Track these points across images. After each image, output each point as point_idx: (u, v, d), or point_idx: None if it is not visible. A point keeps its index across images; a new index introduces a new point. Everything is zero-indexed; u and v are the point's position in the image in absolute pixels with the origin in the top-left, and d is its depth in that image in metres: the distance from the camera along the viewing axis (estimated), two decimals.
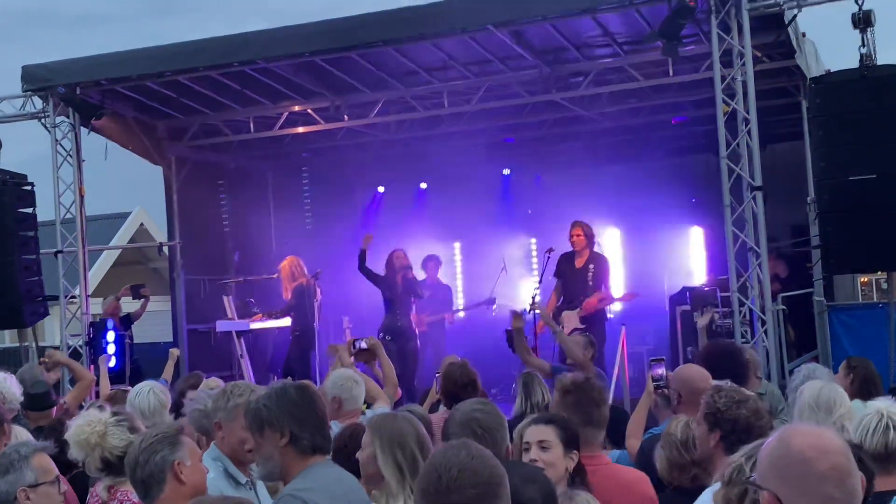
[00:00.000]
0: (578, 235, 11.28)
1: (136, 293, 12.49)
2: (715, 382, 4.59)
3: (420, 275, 13.77)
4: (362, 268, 12.30)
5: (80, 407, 6.99)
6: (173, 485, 3.56)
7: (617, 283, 12.99)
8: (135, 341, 12.41)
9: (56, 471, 3.99)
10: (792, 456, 2.28)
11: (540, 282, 12.03)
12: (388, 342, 11.89)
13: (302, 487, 3.48)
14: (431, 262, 13.95)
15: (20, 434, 5.47)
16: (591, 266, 11.23)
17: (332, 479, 3.60)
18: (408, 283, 12.24)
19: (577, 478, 4.16)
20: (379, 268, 12.37)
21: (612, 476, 4.48)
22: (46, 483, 3.91)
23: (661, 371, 5.71)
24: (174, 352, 9.31)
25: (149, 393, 5.91)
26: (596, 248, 11.59)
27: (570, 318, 10.98)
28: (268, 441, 3.60)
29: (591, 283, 11.15)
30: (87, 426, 4.61)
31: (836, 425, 4.39)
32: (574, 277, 11.29)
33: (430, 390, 7.31)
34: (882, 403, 4.29)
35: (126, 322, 12.18)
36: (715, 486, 3.39)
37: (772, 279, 11.11)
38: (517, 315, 8.44)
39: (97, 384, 8.70)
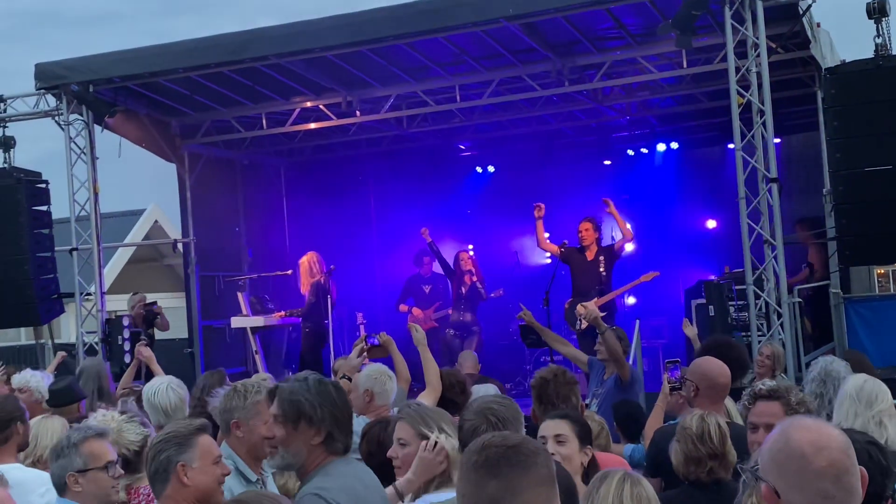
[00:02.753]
0: (587, 230, 11.50)
1: (149, 313, 12.31)
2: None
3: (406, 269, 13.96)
4: (440, 258, 13.37)
5: None
6: (176, 485, 3.59)
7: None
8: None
9: (109, 456, 4.00)
10: (790, 451, 2.29)
11: (553, 276, 12.02)
12: (452, 336, 12.85)
13: (324, 486, 3.43)
14: (426, 258, 13.95)
15: (54, 426, 5.40)
16: (602, 258, 11.45)
17: (352, 478, 3.55)
18: (472, 284, 13.01)
19: (592, 472, 4.16)
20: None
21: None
22: (95, 468, 3.94)
23: (677, 373, 5.72)
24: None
25: (167, 390, 5.89)
26: (604, 241, 11.74)
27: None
28: (301, 435, 3.51)
29: (603, 274, 11.39)
30: (105, 422, 4.63)
31: (874, 419, 4.37)
32: (586, 270, 11.49)
33: None
34: None
35: (150, 324, 12.16)
36: None
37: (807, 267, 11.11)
38: (524, 310, 8.27)
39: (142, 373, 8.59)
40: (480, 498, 2.31)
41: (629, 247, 12.11)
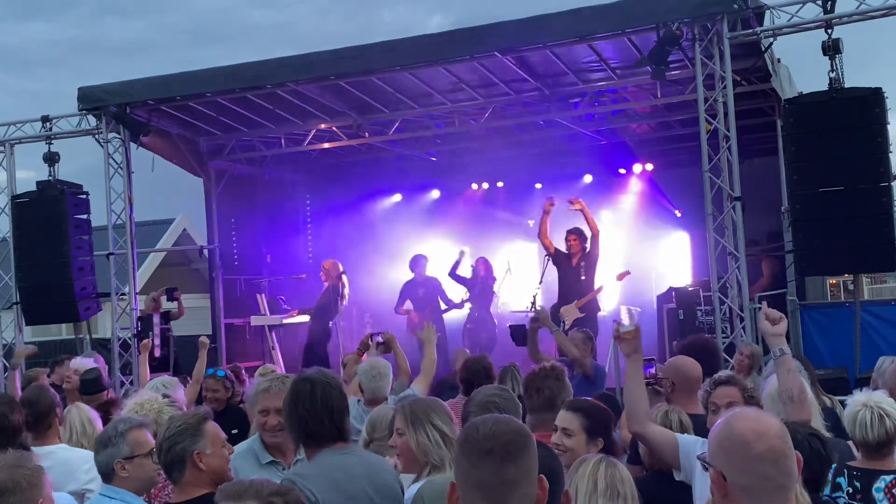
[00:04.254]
0: (574, 240, 11.67)
1: (170, 296, 12.43)
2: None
3: (409, 275, 13.91)
4: (452, 273, 13.61)
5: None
6: (193, 472, 3.56)
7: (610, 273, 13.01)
8: (176, 334, 12.42)
9: (151, 444, 3.89)
10: (734, 438, 2.31)
11: (540, 282, 12.03)
12: (470, 329, 13.17)
13: (301, 473, 3.42)
14: (421, 261, 13.95)
15: (82, 411, 5.36)
16: (583, 265, 11.65)
17: (333, 468, 3.46)
18: (484, 284, 13.42)
19: None
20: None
21: None
22: (140, 455, 3.85)
23: (651, 370, 5.69)
24: (204, 341, 8.12)
25: (151, 388, 5.90)
26: (587, 249, 11.77)
27: (570, 311, 11.32)
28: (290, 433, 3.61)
29: (583, 278, 11.60)
30: (146, 405, 4.65)
31: None
32: (569, 275, 11.70)
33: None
34: (863, 396, 4.31)
35: (165, 318, 12.19)
36: None
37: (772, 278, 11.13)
38: (544, 314, 8.01)
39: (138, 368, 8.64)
40: (501, 482, 2.28)
41: (602, 239, 12.03)
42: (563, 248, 11.81)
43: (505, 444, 2.30)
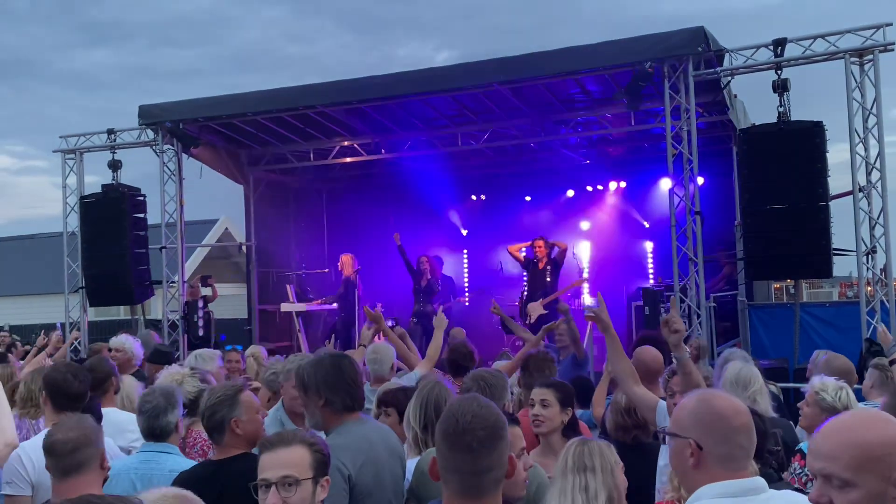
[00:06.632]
0: (539, 247, 11.69)
1: (204, 282, 12.49)
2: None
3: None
4: (404, 259, 12.93)
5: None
6: (231, 435, 3.55)
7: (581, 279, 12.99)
8: (217, 317, 12.44)
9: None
10: (716, 413, 2.32)
11: (526, 278, 12.04)
12: (415, 324, 12.34)
13: (331, 444, 3.28)
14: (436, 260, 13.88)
15: (131, 383, 5.43)
16: (549, 268, 11.64)
17: (359, 438, 3.38)
18: (429, 281, 12.75)
19: (570, 430, 4.19)
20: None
21: None
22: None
23: None
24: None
25: (193, 357, 6.06)
26: (553, 255, 11.75)
27: (535, 308, 11.38)
28: (311, 400, 3.42)
29: (548, 280, 11.60)
30: (173, 376, 4.70)
31: (749, 398, 4.36)
32: (536, 276, 11.71)
33: None
34: (833, 382, 4.32)
35: (204, 302, 12.21)
36: None
37: (726, 280, 11.12)
38: (494, 304, 8.17)
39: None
40: (475, 470, 2.22)
41: (567, 252, 12.05)
42: (531, 253, 11.80)
43: (480, 439, 2.21)
